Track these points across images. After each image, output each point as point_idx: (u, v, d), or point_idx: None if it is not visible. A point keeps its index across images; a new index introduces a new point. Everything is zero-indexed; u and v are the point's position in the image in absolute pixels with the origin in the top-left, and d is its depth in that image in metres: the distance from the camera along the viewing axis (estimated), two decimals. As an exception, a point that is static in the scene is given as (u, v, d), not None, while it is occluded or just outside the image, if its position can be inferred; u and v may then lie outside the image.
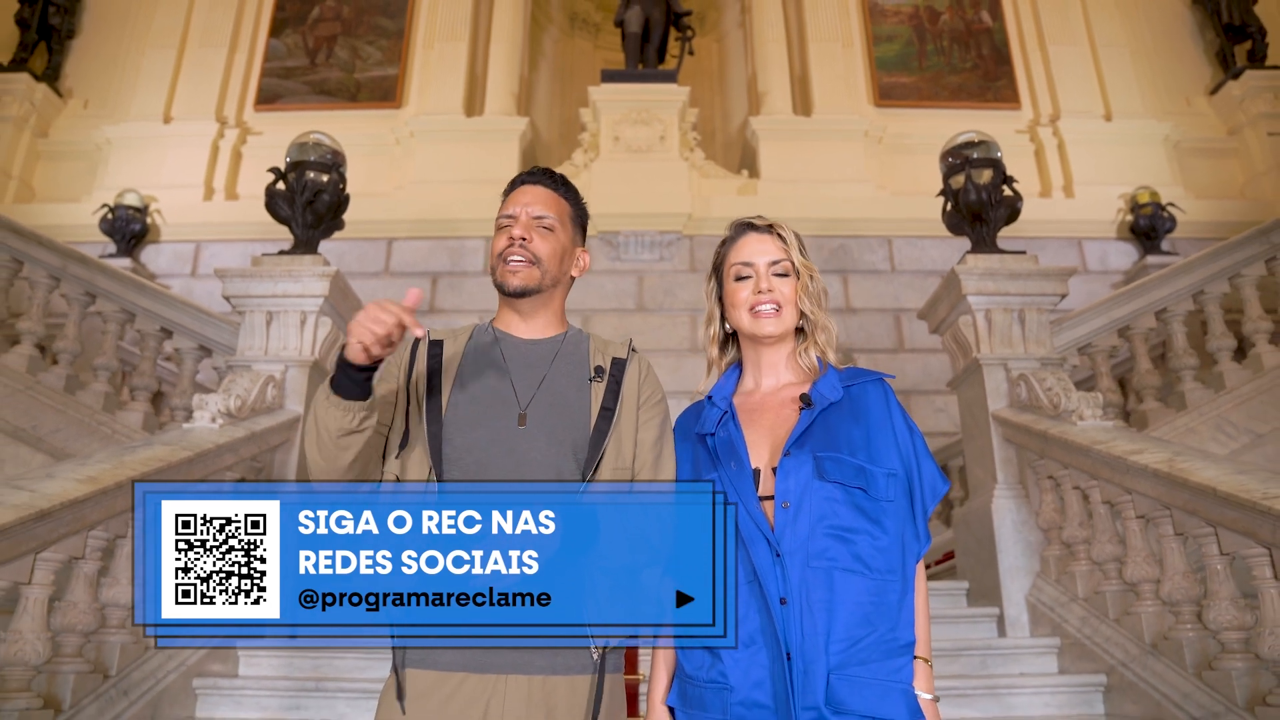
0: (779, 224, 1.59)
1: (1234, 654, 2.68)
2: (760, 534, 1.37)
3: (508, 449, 1.44)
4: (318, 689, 3.17)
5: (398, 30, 9.28)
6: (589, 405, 1.50)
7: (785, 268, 1.54)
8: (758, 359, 1.56)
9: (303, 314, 4.24)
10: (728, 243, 1.61)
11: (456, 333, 1.60)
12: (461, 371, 1.52)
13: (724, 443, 1.46)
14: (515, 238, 1.55)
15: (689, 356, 7.50)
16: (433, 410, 1.47)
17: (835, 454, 1.41)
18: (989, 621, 3.82)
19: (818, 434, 1.43)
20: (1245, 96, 8.52)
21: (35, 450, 4.32)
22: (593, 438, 1.46)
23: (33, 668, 2.48)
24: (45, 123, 8.87)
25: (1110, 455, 3.16)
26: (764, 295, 1.51)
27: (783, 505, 1.37)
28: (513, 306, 1.59)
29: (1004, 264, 4.31)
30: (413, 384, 1.52)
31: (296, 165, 4.58)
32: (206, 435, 3.45)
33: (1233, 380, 4.66)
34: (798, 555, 1.35)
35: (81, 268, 4.65)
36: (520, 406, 1.48)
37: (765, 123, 8.46)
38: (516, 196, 1.61)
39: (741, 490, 1.41)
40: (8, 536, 2.25)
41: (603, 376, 1.53)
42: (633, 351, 1.59)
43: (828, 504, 1.38)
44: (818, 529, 1.36)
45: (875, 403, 1.48)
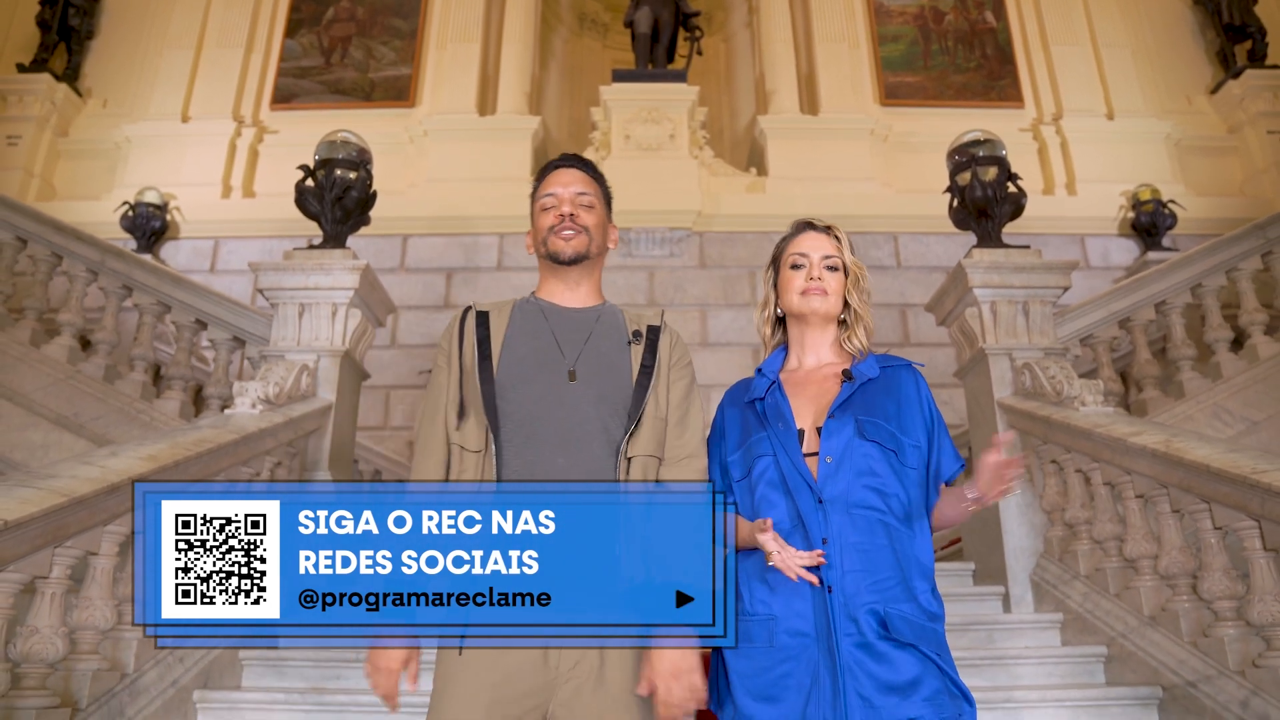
0: (835, 226, 1.77)
1: (1226, 621, 2.84)
2: (805, 483, 1.55)
3: (559, 401, 1.58)
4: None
5: (411, 30, 9.44)
6: (629, 365, 1.66)
7: (836, 263, 1.73)
8: (803, 339, 1.74)
9: (334, 305, 4.40)
10: (788, 238, 1.79)
11: (500, 305, 1.76)
12: (509, 338, 1.67)
13: (771, 407, 1.65)
14: (565, 214, 1.72)
15: (699, 351, 7.64)
16: (485, 372, 1.62)
17: (873, 419, 1.59)
18: (995, 599, 3.98)
19: (858, 402, 1.62)
20: (1245, 95, 8.65)
21: (78, 436, 4.49)
22: (635, 393, 1.62)
23: (101, 632, 2.65)
24: (66, 122, 9.03)
25: (1111, 437, 3.32)
26: (815, 282, 1.70)
27: (826, 459, 1.55)
28: (560, 276, 1.74)
29: (1009, 258, 4.47)
30: (465, 354, 1.67)
31: (325, 163, 4.74)
32: (248, 420, 3.61)
33: (1229, 370, 4.82)
34: (839, 503, 1.52)
35: (120, 262, 4.82)
36: (569, 364, 1.63)
37: (773, 121, 8.61)
38: (556, 178, 1.78)
39: (788, 445, 1.59)
40: (86, 506, 2.42)
41: (640, 340, 1.69)
42: (665, 323, 1.76)
43: (865, 460, 1.56)
44: (856, 482, 1.55)
45: (907, 384, 1.67)
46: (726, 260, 8.06)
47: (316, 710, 3.01)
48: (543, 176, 1.81)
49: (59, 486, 2.35)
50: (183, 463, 2.94)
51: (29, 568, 2.30)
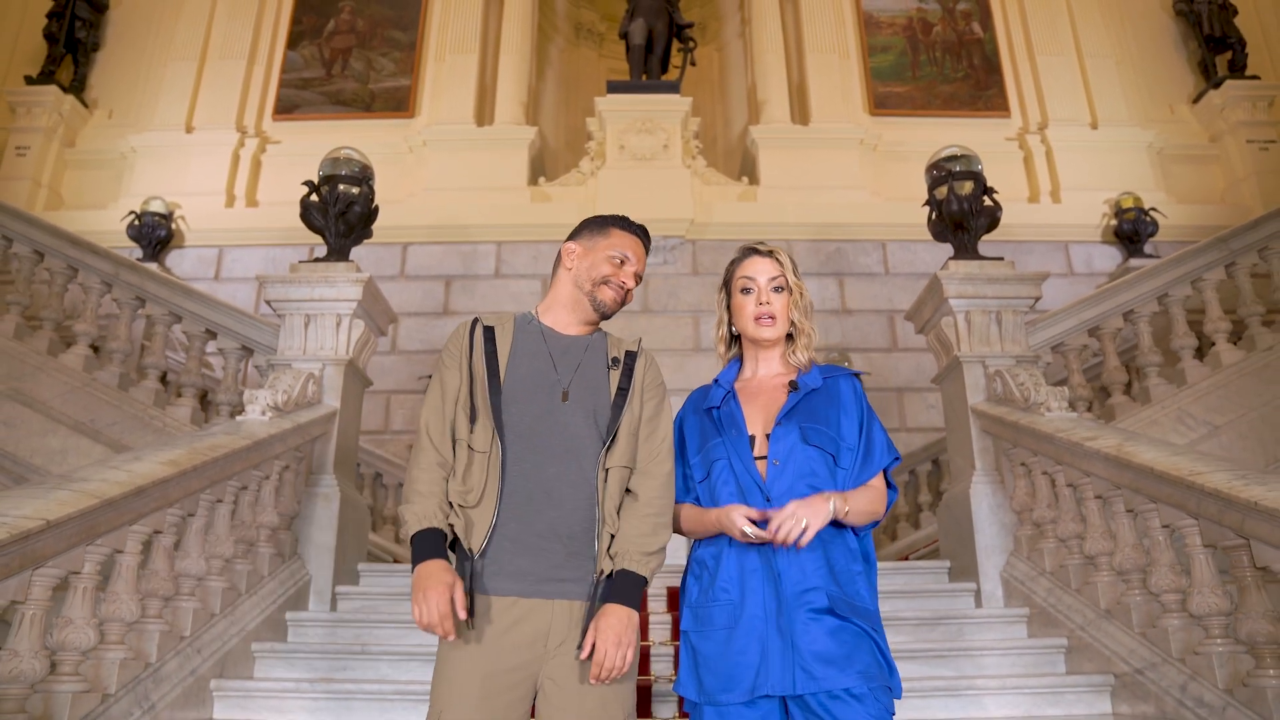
0: (778, 250, 1.99)
1: (1172, 613, 3.06)
2: (755, 484, 1.78)
3: (554, 418, 1.85)
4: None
5: (410, 42, 9.65)
6: (610, 386, 1.91)
7: (781, 284, 1.95)
8: (756, 355, 1.99)
9: (338, 316, 4.61)
10: (736, 262, 2.02)
11: (502, 320, 1.99)
12: (514, 355, 1.92)
13: (726, 415, 1.89)
14: (628, 287, 1.97)
15: (692, 355, 7.84)
16: (494, 384, 1.86)
17: (815, 425, 1.82)
18: (967, 595, 4.19)
19: (802, 410, 1.85)
20: (1226, 105, 8.86)
21: (95, 442, 4.70)
22: (612, 411, 1.87)
23: (127, 624, 2.86)
24: (72, 133, 9.23)
25: (1070, 441, 3.54)
26: (764, 308, 1.92)
27: (773, 462, 1.79)
28: (580, 314, 1.98)
29: (983, 269, 4.68)
30: (475, 363, 1.91)
31: (329, 179, 4.95)
32: (259, 426, 3.82)
33: (1193, 376, 5.04)
34: (784, 500, 1.74)
35: (133, 274, 5.03)
36: (564, 385, 1.88)
37: (765, 131, 8.81)
38: (633, 244, 2.00)
39: (740, 450, 1.82)
40: (115, 508, 2.62)
41: (618, 365, 1.94)
42: (641, 348, 2.01)
43: (807, 463, 1.80)
44: (798, 482, 1.78)
45: (846, 392, 1.91)
46: (719, 268, 8.18)
47: (325, 698, 3.22)
48: (626, 228, 2.03)
49: (91, 489, 2.56)
50: (200, 467, 3.14)
51: (65, 564, 2.50)
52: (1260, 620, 2.66)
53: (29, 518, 2.25)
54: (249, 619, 3.56)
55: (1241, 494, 2.57)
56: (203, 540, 3.37)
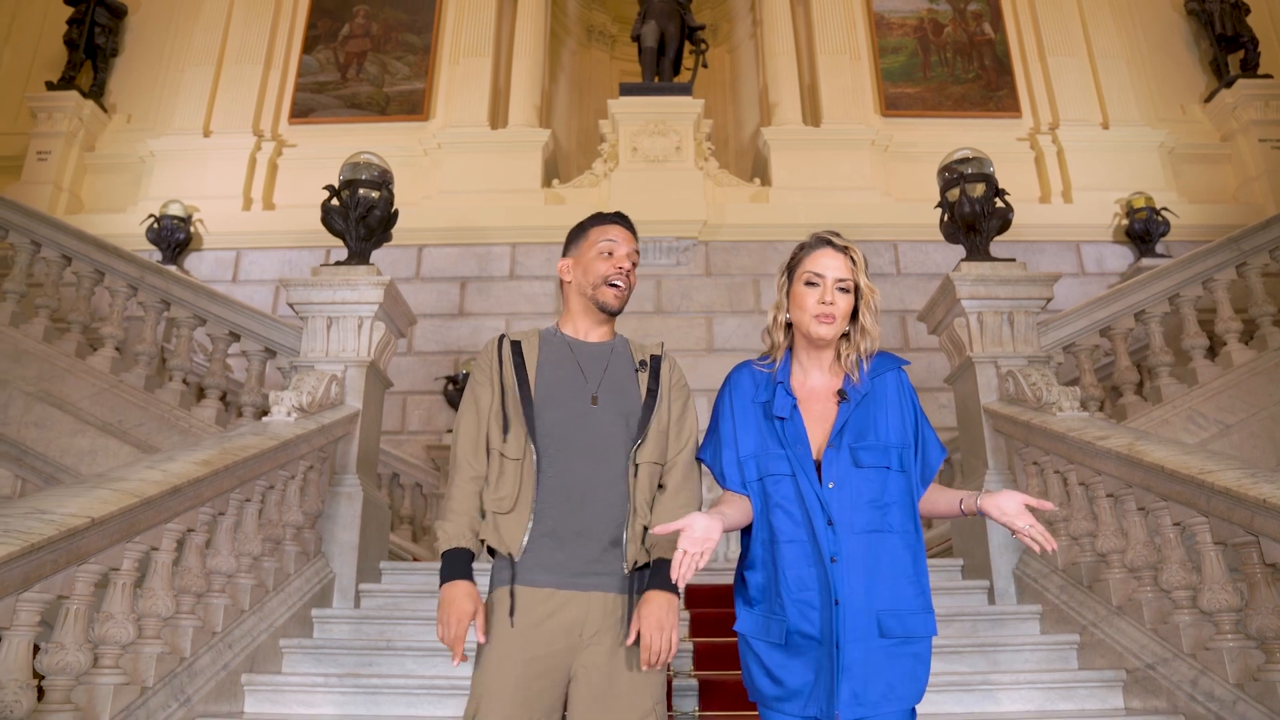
0: (852, 247, 1.88)
1: (1182, 609, 3.11)
2: (819, 505, 1.75)
3: (585, 421, 1.94)
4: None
5: (424, 46, 9.73)
6: (638, 389, 2.01)
7: (848, 285, 1.85)
8: (808, 350, 1.90)
9: (360, 319, 4.69)
10: (806, 248, 1.91)
11: (527, 335, 2.09)
12: (542, 366, 2.01)
13: (794, 430, 1.83)
14: (625, 269, 2.04)
15: (704, 356, 7.91)
16: (524, 395, 1.96)
17: (864, 444, 1.80)
18: (980, 593, 4.25)
19: (852, 428, 1.82)
20: (1238, 104, 8.85)
21: (122, 442, 4.80)
22: (643, 412, 1.97)
23: (162, 619, 2.95)
24: (92, 137, 9.35)
25: (1082, 440, 3.59)
26: (826, 307, 1.83)
27: (829, 485, 1.77)
28: (594, 318, 2.06)
29: (995, 270, 4.73)
30: (505, 377, 2.00)
31: (350, 183, 5.03)
32: (284, 427, 3.90)
33: (1204, 376, 5.08)
34: (843, 524, 1.74)
35: (158, 278, 5.14)
36: (592, 390, 1.97)
37: (776, 133, 8.86)
38: (616, 232, 2.08)
39: (806, 468, 1.79)
40: (153, 506, 2.71)
41: (645, 368, 2.04)
42: (665, 352, 2.10)
43: (863, 485, 1.77)
44: (858, 504, 1.76)
45: (891, 391, 1.89)
46: (731, 268, 8.32)
47: (354, 692, 3.30)
48: (599, 222, 2.11)
49: (130, 488, 2.64)
50: (232, 467, 3.23)
51: (106, 560, 2.59)
52: (1270, 616, 2.71)
53: (75, 515, 2.33)
54: (277, 615, 3.65)
55: (1251, 492, 2.63)
56: (232, 538, 3.45)
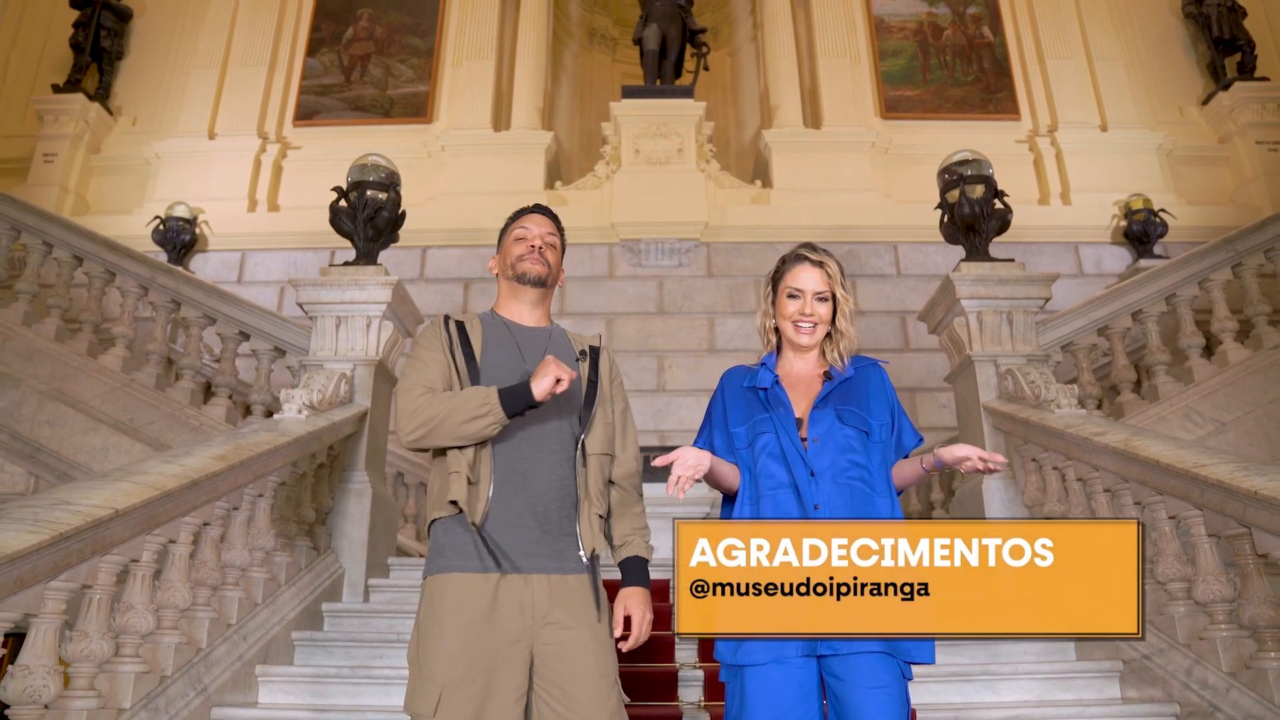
0: (827, 261, 2.13)
1: (1177, 601, 3.18)
2: (800, 458, 1.94)
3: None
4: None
5: (428, 49, 9.80)
6: (581, 376, 2.07)
7: (826, 295, 2.10)
8: (794, 351, 2.14)
9: (368, 319, 4.76)
10: (787, 263, 2.15)
11: (469, 317, 2.14)
12: (486, 349, 2.06)
13: (775, 396, 2.05)
14: (536, 245, 2.14)
15: (706, 357, 7.98)
16: (473, 375, 2.00)
17: (849, 407, 2.02)
18: (980, 587, 4.31)
19: (837, 395, 2.04)
20: (1235, 106, 8.91)
21: (134, 440, 4.87)
22: (585, 403, 2.04)
23: (180, 610, 3.02)
24: (98, 139, 9.41)
25: (1079, 437, 3.66)
26: (806, 316, 2.08)
27: (813, 440, 1.97)
28: (522, 298, 2.13)
29: (994, 270, 4.81)
30: (455, 355, 2.04)
31: (358, 185, 5.11)
32: (296, 424, 3.97)
33: (1201, 374, 5.15)
34: (826, 474, 1.92)
35: (169, 278, 5.21)
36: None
37: (777, 135, 8.92)
38: (529, 220, 2.20)
39: (788, 427, 1.99)
40: (172, 499, 2.78)
41: (585, 358, 2.11)
42: (602, 344, 2.19)
43: (845, 439, 1.98)
44: (840, 458, 1.96)
45: (874, 379, 2.12)
46: (733, 269, 8.39)
47: (365, 683, 3.36)
48: (516, 217, 2.22)
49: (150, 481, 2.71)
50: (246, 462, 3.30)
51: (127, 551, 2.66)
52: (1262, 605, 2.79)
53: (100, 506, 2.40)
54: (288, 609, 3.71)
55: (1242, 484, 2.70)
56: (246, 533, 3.52)
